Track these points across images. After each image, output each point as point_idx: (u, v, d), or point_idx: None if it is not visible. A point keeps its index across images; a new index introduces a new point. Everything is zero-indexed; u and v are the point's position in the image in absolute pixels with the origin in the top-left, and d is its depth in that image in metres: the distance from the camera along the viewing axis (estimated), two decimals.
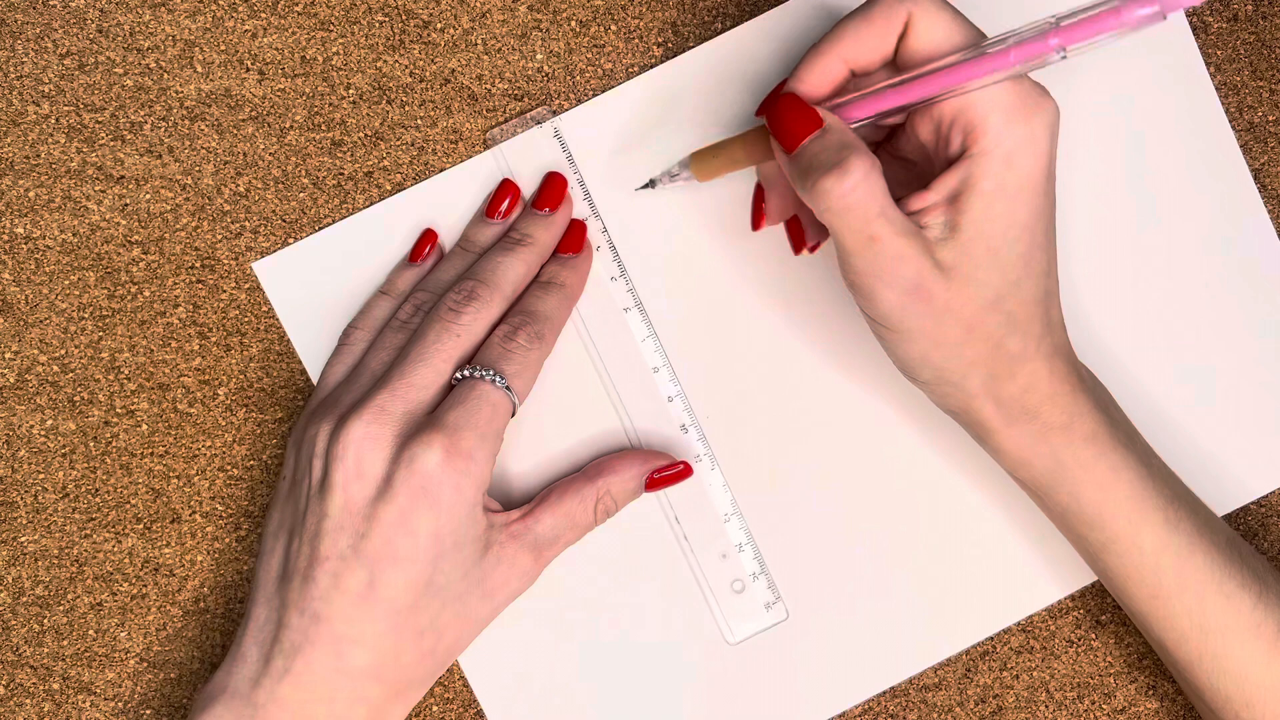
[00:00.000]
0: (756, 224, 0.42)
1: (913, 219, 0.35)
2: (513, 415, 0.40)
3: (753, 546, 0.44)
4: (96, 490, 0.44)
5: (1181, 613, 0.38)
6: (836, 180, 0.33)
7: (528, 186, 0.44)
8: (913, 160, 0.39)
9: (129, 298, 0.44)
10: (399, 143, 0.44)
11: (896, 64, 0.36)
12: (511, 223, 0.43)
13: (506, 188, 0.43)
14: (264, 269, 0.44)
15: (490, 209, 0.43)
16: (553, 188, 0.43)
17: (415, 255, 0.43)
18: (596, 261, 0.44)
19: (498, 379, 0.39)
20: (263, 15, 0.44)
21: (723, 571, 0.44)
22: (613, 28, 0.44)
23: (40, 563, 0.44)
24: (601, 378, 0.44)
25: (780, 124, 0.35)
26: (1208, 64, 0.44)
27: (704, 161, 0.40)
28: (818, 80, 0.36)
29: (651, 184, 0.43)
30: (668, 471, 0.43)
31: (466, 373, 0.39)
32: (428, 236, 0.43)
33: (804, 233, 0.41)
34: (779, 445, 0.44)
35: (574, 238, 0.43)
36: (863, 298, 0.36)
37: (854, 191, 0.34)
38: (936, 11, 0.35)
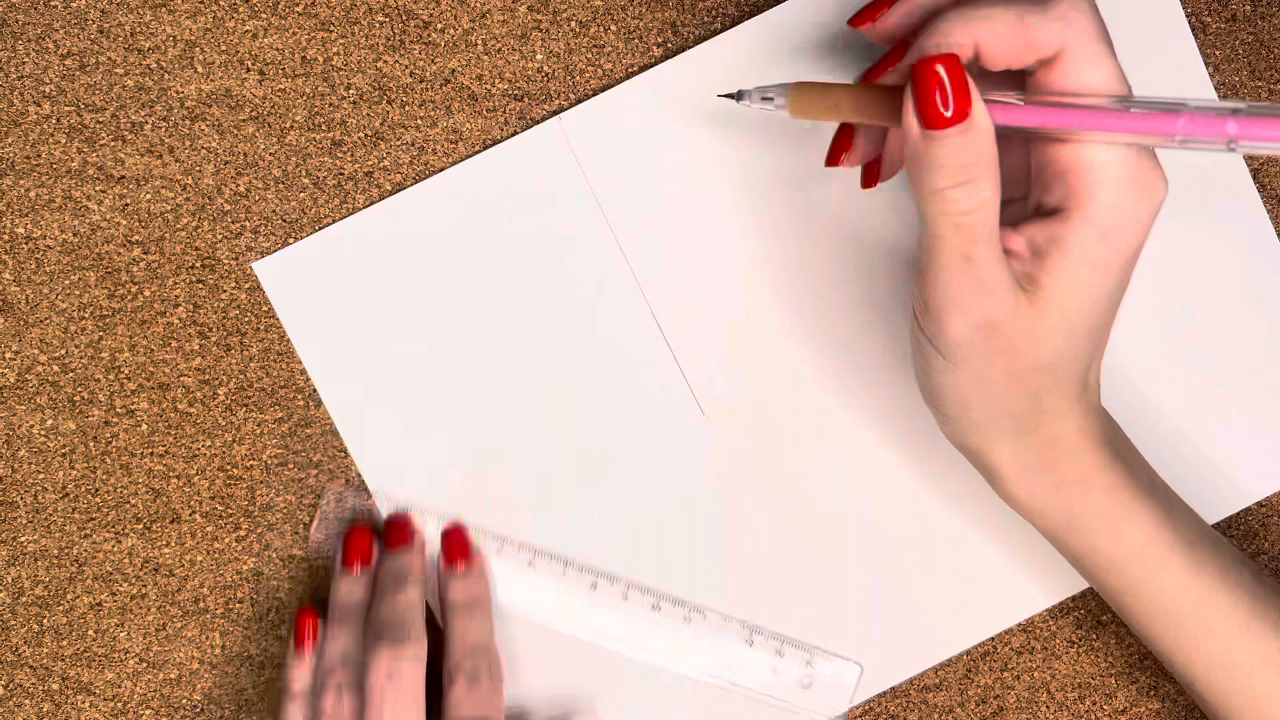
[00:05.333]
0: (833, 160, 0.37)
1: None
2: None
3: (795, 646, 0.44)
4: (96, 490, 0.44)
5: (1207, 653, 0.37)
6: (967, 194, 0.31)
7: (533, 186, 0.44)
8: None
9: (129, 297, 0.44)
10: (399, 143, 0.44)
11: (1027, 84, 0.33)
12: (376, 563, 0.43)
13: (358, 537, 0.43)
14: (264, 269, 0.44)
15: (348, 560, 0.43)
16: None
17: (298, 644, 0.42)
18: (601, 263, 0.44)
19: None
20: (263, 15, 0.44)
21: (784, 679, 0.44)
22: (613, 28, 0.44)
23: (40, 563, 0.44)
24: (607, 373, 0.44)
25: (927, 94, 0.31)
26: (1207, 64, 0.45)
27: (806, 98, 0.35)
28: (955, 32, 0.31)
29: (738, 96, 0.37)
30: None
31: None
32: (305, 624, 0.42)
33: (880, 173, 0.38)
34: (784, 443, 0.44)
35: (458, 548, 0.43)
36: (928, 317, 0.34)
37: (977, 212, 0.31)
38: (1094, 53, 0.31)
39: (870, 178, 0.38)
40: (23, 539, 0.44)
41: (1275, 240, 0.45)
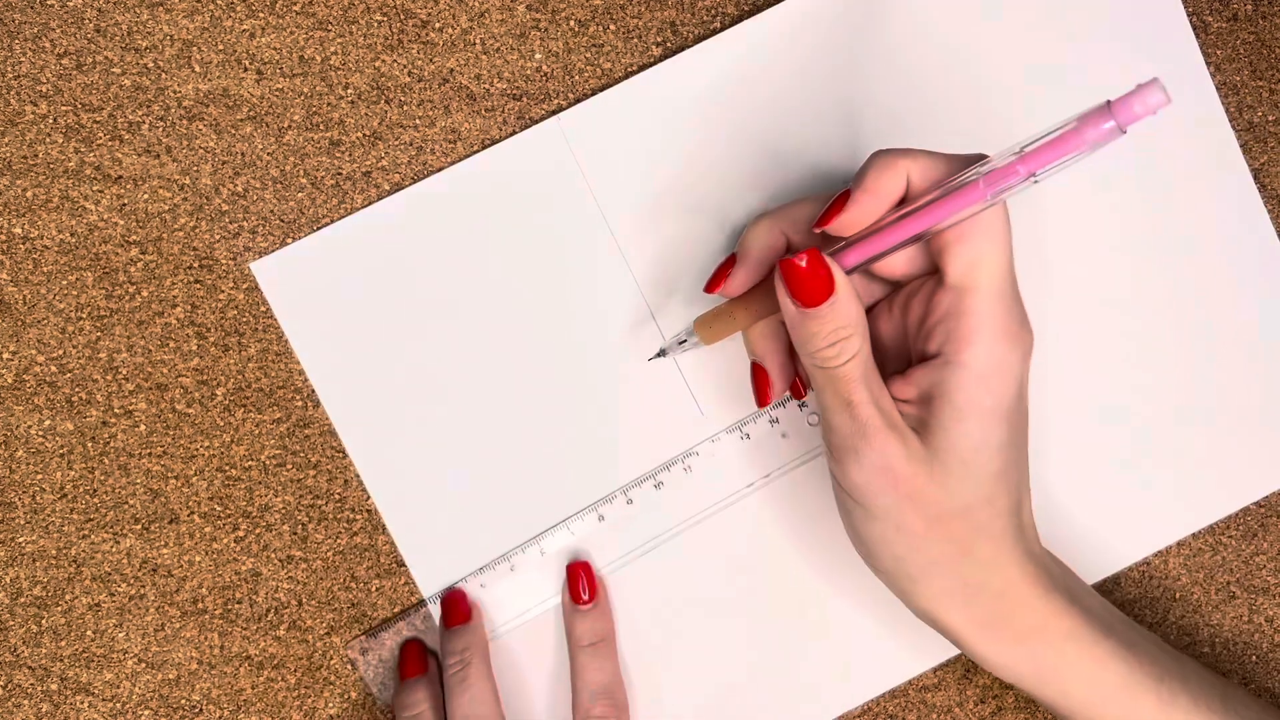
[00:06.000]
0: (764, 401, 0.41)
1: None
2: None
3: (751, 421, 0.44)
4: (94, 490, 0.44)
5: None
6: (839, 351, 0.35)
7: (532, 185, 0.44)
8: (882, 337, 0.39)
9: (127, 298, 0.44)
10: (397, 142, 0.44)
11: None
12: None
13: (412, 655, 0.44)
14: (262, 269, 0.44)
15: (406, 672, 0.44)
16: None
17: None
18: (600, 262, 0.44)
19: None
20: (261, 15, 0.44)
21: (767, 446, 0.44)
22: (611, 27, 0.44)
23: (38, 563, 0.44)
24: (609, 373, 0.44)
25: (797, 284, 0.35)
26: (1207, 64, 0.44)
27: (707, 326, 0.40)
28: (889, 169, 0.35)
29: (662, 353, 0.43)
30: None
31: None
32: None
33: (805, 388, 0.41)
34: (783, 440, 0.44)
35: (584, 583, 0.44)
36: (834, 461, 0.37)
37: (849, 362, 0.35)
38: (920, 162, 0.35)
39: (799, 392, 0.41)
40: (21, 539, 0.44)
41: (1275, 240, 0.45)
